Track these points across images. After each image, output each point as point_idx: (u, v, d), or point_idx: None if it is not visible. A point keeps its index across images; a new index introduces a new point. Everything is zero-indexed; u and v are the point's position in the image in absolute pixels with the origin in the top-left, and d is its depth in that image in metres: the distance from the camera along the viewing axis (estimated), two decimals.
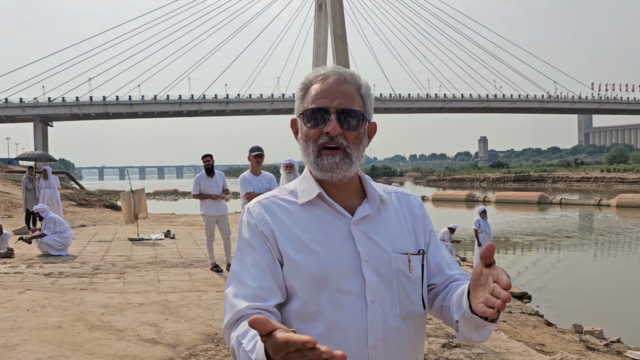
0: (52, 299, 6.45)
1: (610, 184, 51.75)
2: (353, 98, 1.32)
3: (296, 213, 1.33)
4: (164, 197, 49.96)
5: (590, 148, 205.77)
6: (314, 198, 1.33)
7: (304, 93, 1.36)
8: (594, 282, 12.42)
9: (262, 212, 1.34)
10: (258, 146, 6.82)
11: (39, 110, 73.99)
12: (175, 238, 12.54)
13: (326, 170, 1.30)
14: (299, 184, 1.38)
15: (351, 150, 1.31)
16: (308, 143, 1.33)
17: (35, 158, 23.34)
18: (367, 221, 1.33)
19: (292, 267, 1.28)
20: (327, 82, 1.32)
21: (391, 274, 1.30)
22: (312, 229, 1.30)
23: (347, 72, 1.35)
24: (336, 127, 1.28)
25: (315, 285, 1.26)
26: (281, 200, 1.36)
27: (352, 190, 1.37)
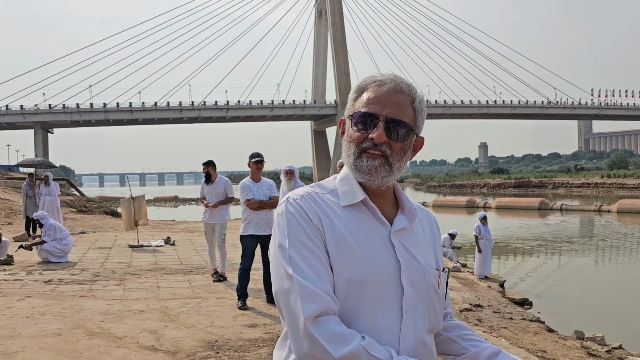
0: (52, 306, 6.43)
1: (611, 189, 51.74)
2: (405, 109, 1.30)
3: (340, 212, 1.30)
4: (164, 203, 49.94)
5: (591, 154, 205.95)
6: (357, 202, 1.31)
7: (357, 95, 1.35)
8: (595, 288, 12.39)
9: (312, 205, 1.29)
10: (258, 152, 6.81)
11: (40, 117, 74.11)
12: (175, 245, 12.52)
13: (364, 172, 1.29)
14: (340, 184, 1.35)
15: (393, 160, 1.30)
16: (351, 144, 1.32)
17: (35, 165, 23.42)
18: (404, 233, 1.34)
19: (336, 270, 1.25)
20: (382, 89, 1.31)
21: (424, 287, 1.31)
22: (356, 231, 1.28)
23: (404, 82, 1.34)
24: (382, 135, 1.27)
25: (353, 289, 1.24)
26: (326, 198, 1.32)
27: (389, 198, 1.38)
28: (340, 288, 1.24)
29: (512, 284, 12.01)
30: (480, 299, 9.01)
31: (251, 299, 6.69)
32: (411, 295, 1.28)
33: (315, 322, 1.16)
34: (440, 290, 1.36)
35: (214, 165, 8.17)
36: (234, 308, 6.39)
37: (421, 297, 1.30)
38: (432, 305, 1.33)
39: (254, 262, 6.66)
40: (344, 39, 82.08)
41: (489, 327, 6.99)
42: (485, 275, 11.61)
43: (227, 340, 5.15)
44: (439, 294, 1.35)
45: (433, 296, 1.33)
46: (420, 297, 1.30)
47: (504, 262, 15.67)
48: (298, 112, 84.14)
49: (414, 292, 1.29)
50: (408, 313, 1.27)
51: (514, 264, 15.61)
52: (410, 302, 1.28)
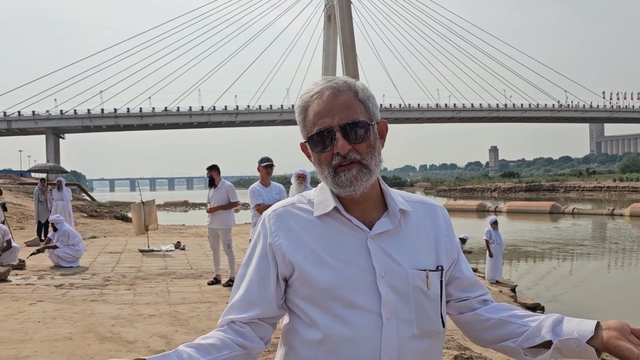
0: (63, 311, 6.47)
1: (623, 193, 51.24)
2: (353, 107, 1.27)
3: (311, 224, 1.29)
4: (174, 208, 50.14)
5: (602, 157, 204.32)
6: (330, 211, 1.29)
7: (304, 116, 1.32)
8: (608, 292, 12.26)
9: (276, 222, 1.31)
10: (268, 157, 6.81)
11: (51, 122, 74.77)
12: (185, 249, 12.56)
13: (347, 186, 1.25)
14: (316, 195, 1.34)
15: (367, 161, 1.27)
16: (322, 167, 1.29)
17: (47, 170, 23.60)
18: (386, 236, 1.28)
19: (304, 280, 1.25)
20: (322, 99, 1.27)
21: (408, 290, 1.25)
22: (327, 242, 1.27)
23: (339, 81, 1.30)
24: (345, 145, 1.24)
25: (326, 300, 1.23)
26: (298, 209, 1.33)
27: (372, 201, 1.32)
28: (310, 299, 1.25)
29: (524, 288, 11.92)
30: None
31: None
32: (392, 301, 1.23)
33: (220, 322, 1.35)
34: (431, 292, 1.28)
35: (217, 169, 8.13)
36: None
37: (405, 301, 1.24)
38: (421, 308, 1.26)
39: None
40: (353, 43, 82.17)
41: None
42: (497, 279, 11.54)
43: None
44: (429, 295, 1.28)
45: (421, 299, 1.26)
46: (404, 302, 1.24)
47: (515, 266, 15.55)
48: None
49: (395, 298, 1.24)
50: (390, 320, 1.22)
51: (525, 269, 15.49)
52: (390, 309, 1.23)
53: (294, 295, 1.28)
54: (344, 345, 1.21)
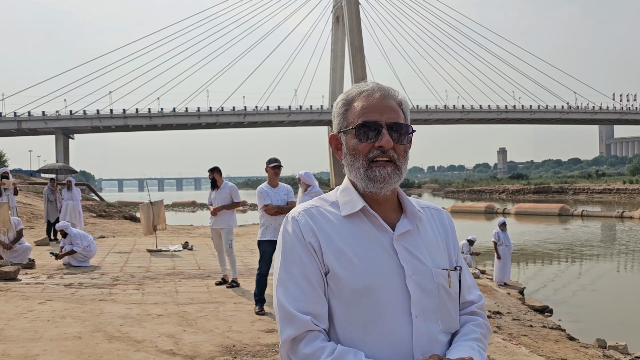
0: (72, 310, 6.51)
1: (633, 195, 50.87)
2: (398, 112, 1.34)
3: (339, 225, 1.33)
4: (182, 208, 50.31)
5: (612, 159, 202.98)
6: (357, 211, 1.33)
7: (346, 109, 1.37)
8: (617, 295, 12.17)
9: (308, 221, 1.33)
10: (275, 158, 6.83)
11: (61, 123, 75.27)
12: (193, 249, 12.60)
13: (379, 181, 1.30)
14: (341, 196, 1.38)
15: (400, 163, 1.33)
16: (357, 157, 1.32)
17: (56, 170, 23.73)
18: (407, 236, 1.34)
19: (336, 280, 1.29)
20: (373, 98, 1.34)
21: (434, 289, 1.32)
22: (356, 242, 1.30)
23: (389, 88, 1.38)
24: (390, 141, 1.29)
25: (359, 300, 1.27)
26: (325, 210, 1.36)
27: (392, 203, 1.38)
28: (346, 299, 1.28)
29: (532, 290, 11.86)
30: (499, 305, 8.91)
31: (268, 304, 6.69)
32: (420, 298, 1.29)
33: (291, 346, 1.26)
34: (452, 290, 1.35)
35: (219, 171, 8.22)
36: (251, 313, 6.40)
37: (432, 299, 1.30)
38: (444, 306, 1.33)
39: (272, 268, 6.67)
40: (361, 44, 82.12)
41: (509, 334, 6.91)
42: (505, 282, 11.49)
43: (245, 345, 5.16)
44: (451, 293, 1.35)
45: (444, 297, 1.33)
46: (431, 300, 1.30)
47: (524, 268, 15.48)
48: (315, 117, 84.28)
49: (422, 296, 1.29)
50: (419, 317, 1.28)
51: (533, 271, 15.41)
52: (419, 306, 1.28)
53: (329, 293, 1.31)
54: (377, 344, 1.26)
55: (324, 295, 1.29)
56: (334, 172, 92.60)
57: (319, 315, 1.28)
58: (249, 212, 35.90)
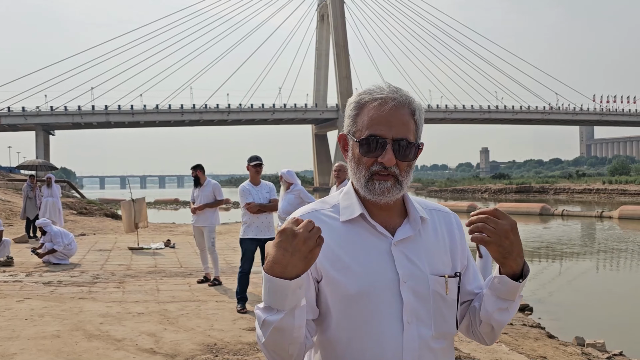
0: (51, 308, 6.42)
1: (612, 195, 51.64)
2: (408, 125, 1.31)
3: (338, 230, 1.33)
4: (165, 206, 49.93)
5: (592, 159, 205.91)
6: (355, 217, 1.33)
7: (357, 113, 1.34)
8: (596, 294, 12.35)
9: None
10: (257, 156, 6.80)
11: (41, 119, 74.30)
12: (175, 247, 12.51)
13: (378, 194, 1.30)
14: (342, 199, 1.39)
15: (402, 178, 1.32)
16: (360, 167, 1.33)
17: (36, 166, 23.40)
18: (407, 242, 1.34)
19: (331, 285, 1.30)
20: (384, 108, 1.30)
21: (428, 295, 1.32)
22: (353, 248, 1.31)
23: (403, 95, 1.33)
24: (392, 159, 1.29)
25: (352, 305, 1.28)
26: (323, 215, 1.36)
27: (396, 208, 1.38)
28: (340, 303, 1.30)
29: None
30: None
31: (251, 302, 6.67)
32: (413, 305, 1.29)
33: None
34: (448, 297, 1.34)
35: (202, 168, 8.18)
36: (233, 311, 6.37)
37: (426, 306, 1.31)
38: (439, 312, 1.33)
39: (254, 266, 6.65)
40: (345, 43, 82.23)
41: None
42: None
43: (227, 343, 5.14)
44: (447, 300, 1.34)
45: (440, 303, 1.33)
46: (425, 306, 1.31)
47: None
48: (299, 115, 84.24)
49: (416, 302, 1.30)
50: (411, 323, 1.28)
51: None
52: (411, 312, 1.29)
53: (322, 298, 1.33)
54: (368, 348, 1.27)
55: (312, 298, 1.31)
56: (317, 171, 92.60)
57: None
58: (232, 210, 35.76)
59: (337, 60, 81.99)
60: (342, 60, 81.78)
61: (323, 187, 76.77)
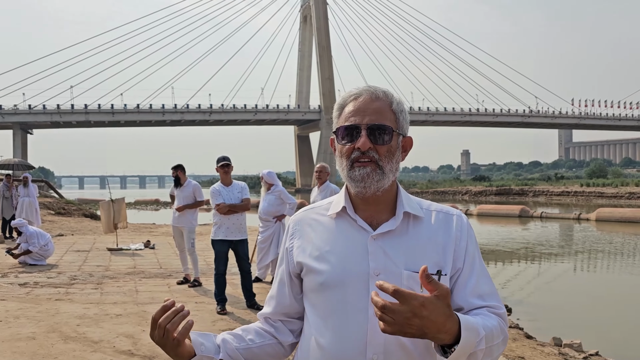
0: (27, 310, 6.31)
1: (590, 198, 52.43)
2: (384, 114, 1.36)
3: (324, 225, 1.41)
4: (145, 206, 49.44)
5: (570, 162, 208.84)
6: (340, 211, 1.39)
7: (339, 113, 1.41)
8: (574, 294, 12.52)
9: (293, 226, 1.47)
10: (224, 156, 6.75)
11: (19, 117, 73.11)
12: (155, 248, 12.39)
13: (358, 180, 1.34)
14: (336, 196, 1.46)
15: (383, 163, 1.34)
16: (342, 159, 1.38)
17: (13, 166, 22.99)
18: (389, 237, 1.34)
19: (308, 275, 1.38)
20: (359, 101, 1.38)
21: None
22: (333, 240, 1.37)
23: (379, 89, 1.40)
24: (366, 142, 1.33)
25: (321, 295, 1.34)
26: (316, 212, 1.46)
27: (385, 205, 1.39)
28: (315, 292, 1.37)
29: None
30: None
31: (230, 303, 6.63)
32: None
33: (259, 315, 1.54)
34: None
35: (183, 169, 8.13)
36: (213, 313, 6.33)
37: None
38: None
39: (231, 267, 6.60)
40: (328, 45, 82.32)
41: None
42: None
43: None
44: None
45: None
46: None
47: None
48: (282, 116, 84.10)
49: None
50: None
51: (494, 271, 15.72)
52: None
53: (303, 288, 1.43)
54: (336, 339, 1.30)
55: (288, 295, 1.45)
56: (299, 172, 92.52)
57: (276, 313, 1.48)
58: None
59: (320, 61, 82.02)
60: (324, 62, 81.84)
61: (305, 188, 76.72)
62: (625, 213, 30.76)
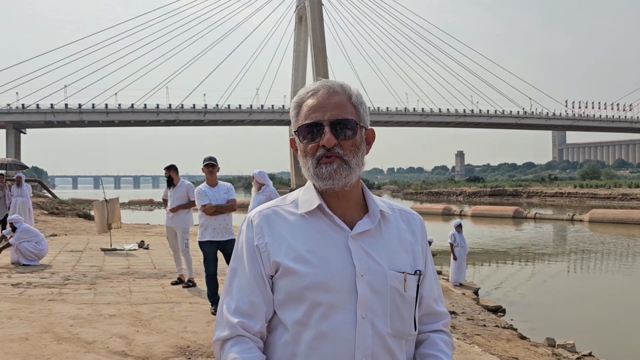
0: (19, 310, 6.28)
1: (583, 199, 52.69)
2: (345, 108, 1.33)
3: (295, 223, 1.33)
4: (139, 207, 49.32)
5: (564, 164, 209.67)
6: (314, 209, 1.33)
7: (297, 111, 1.37)
8: (567, 295, 12.57)
9: (261, 223, 1.35)
10: (210, 156, 6.73)
11: (12, 116, 72.69)
12: (149, 249, 12.35)
13: (326, 178, 1.30)
14: (302, 194, 1.39)
15: (349, 158, 1.31)
16: (307, 158, 1.34)
17: (6, 165, 22.88)
18: (366, 236, 1.32)
19: (287, 277, 1.29)
20: (317, 96, 1.34)
21: (386, 291, 1.29)
22: (310, 240, 1.31)
23: (336, 83, 1.37)
24: (331, 139, 1.29)
25: (307, 296, 1.27)
26: (283, 210, 1.37)
27: (354, 202, 1.37)
28: (295, 295, 1.28)
29: (486, 291, 12.12)
30: (454, 306, 9.07)
31: None
32: (368, 299, 1.27)
33: (221, 346, 1.33)
34: (407, 294, 1.32)
35: (176, 169, 8.11)
36: (207, 313, 6.32)
37: (382, 301, 1.28)
38: (396, 309, 1.30)
39: (221, 266, 6.58)
40: (323, 45, 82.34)
41: (463, 334, 7.03)
42: (460, 282, 11.70)
43: (200, 345, 5.09)
44: (406, 297, 1.32)
45: (398, 300, 1.30)
46: (382, 302, 1.28)
47: (479, 269, 15.81)
48: (277, 117, 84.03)
49: (372, 297, 1.27)
50: (365, 318, 1.26)
51: (488, 272, 15.77)
52: (367, 307, 1.26)
53: (277, 293, 1.32)
54: (320, 341, 1.25)
55: (264, 297, 1.32)
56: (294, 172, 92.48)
57: (253, 317, 1.31)
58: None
59: (315, 62, 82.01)
60: (319, 62, 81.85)
61: None
62: (618, 214, 30.93)
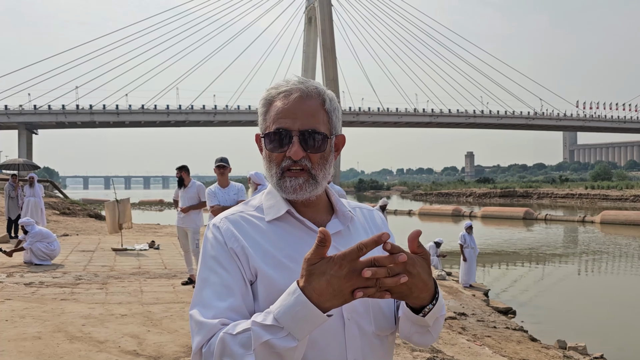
0: (32, 309, 6.34)
1: (595, 200, 52.32)
2: (316, 116, 1.25)
3: (267, 229, 1.27)
4: (150, 207, 49.59)
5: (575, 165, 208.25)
6: (282, 215, 1.27)
7: (266, 109, 1.28)
8: (578, 297, 12.49)
9: (230, 227, 1.26)
10: (221, 157, 6.78)
11: (24, 117, 73.37)
12: (159, 249, 12.42)
13: (290, 192, 1.24)
14: (265, 200, 1.32)
15: (316, 172, 1.25)
16: (271, 164, 1.27)
17: (18, 166, 23.07)
18: (338, 237, 1.28)
19: (268, 283, 1.21)
20: (289, 100, 1.25)
21: None
22: (285, 246, 1.25)
23: (311, 86, 1.28)
24: (299, 152, 1.22)
25: None
26: (249, 216, 1.29)
27: (320, 205, 1.32)
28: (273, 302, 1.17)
29: (496, 292, 12.07)
30: (464, 307, 9.04)
31: None
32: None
33: (201, 354, 1.15)
34: None
35: (187, 170, 8.17)
36: None
37: (363, 301, 1.24)
38: (378, 307, 1.28)
39: None
40: (333, 46, 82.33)
41: (473, 335, 7.01)
42: (470, 284, 11.66)
43: None
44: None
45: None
46: (362, 302, 1.24)
47: (489, 271, 15.74)
48: None
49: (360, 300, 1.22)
50: (351, 319, 1.24)
51: (498, 273, 15.70)
52: (350, 308, 1.23)
53: (257, 299, 1.22)
54: (311, 347, 1.19)
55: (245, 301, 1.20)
56: None
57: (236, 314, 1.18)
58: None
59: (325, 63, 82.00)
60: (329, 63, 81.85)
61: None
62: (630, 216, 30.66)
